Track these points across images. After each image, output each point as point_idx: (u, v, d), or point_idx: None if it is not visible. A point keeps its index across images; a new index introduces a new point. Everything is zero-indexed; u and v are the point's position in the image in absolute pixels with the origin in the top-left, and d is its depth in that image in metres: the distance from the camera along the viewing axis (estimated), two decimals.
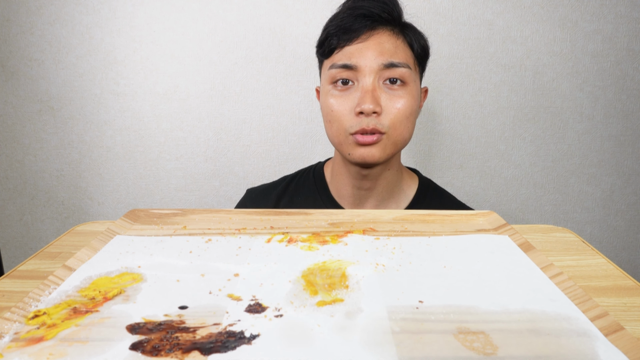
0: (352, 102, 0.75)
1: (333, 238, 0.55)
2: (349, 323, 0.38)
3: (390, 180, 0.84)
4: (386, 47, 0.74)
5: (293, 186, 0.91)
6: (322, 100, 0.80)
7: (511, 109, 1.17)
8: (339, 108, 0.76)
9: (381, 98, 0.74)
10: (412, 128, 0.79)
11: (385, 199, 0.85)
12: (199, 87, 1.16)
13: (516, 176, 1.21)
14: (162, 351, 0.34)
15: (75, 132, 1.18)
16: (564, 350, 0.35)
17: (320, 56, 0.81)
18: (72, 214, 1.23)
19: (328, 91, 0.78)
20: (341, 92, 0.76)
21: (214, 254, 0.51)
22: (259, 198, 0.91)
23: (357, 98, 0.74)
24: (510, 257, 0.50)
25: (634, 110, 1.17)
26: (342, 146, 0.79)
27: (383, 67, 0.74)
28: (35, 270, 0.48)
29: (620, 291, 0.44)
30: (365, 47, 0.74)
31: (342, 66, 0.75)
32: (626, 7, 1.10)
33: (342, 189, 0.86)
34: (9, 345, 0.35)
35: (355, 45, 0.75)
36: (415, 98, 0.77)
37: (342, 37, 0.75)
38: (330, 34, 0.76)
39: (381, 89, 0.75)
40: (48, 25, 1.11)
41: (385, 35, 0.75)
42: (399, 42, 0.76)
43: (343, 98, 0.76)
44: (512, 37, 1.12)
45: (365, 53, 0.74)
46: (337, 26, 0.76)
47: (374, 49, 0.74)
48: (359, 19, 0.75)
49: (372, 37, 0.75)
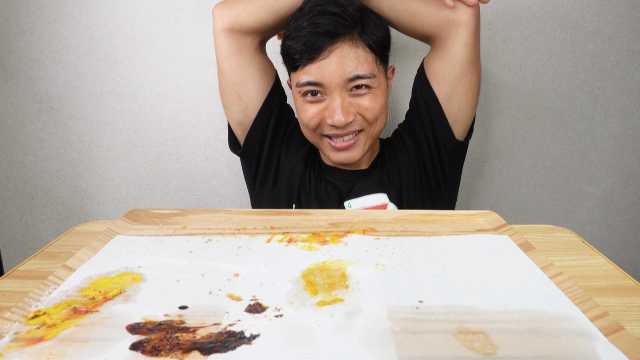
0: (323, 112, 0.80)
1: (333, 238, 0.55)
2: (349, 323, 0.38)
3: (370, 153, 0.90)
4: (347, 62, 0.76)
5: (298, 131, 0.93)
6: (296, 105, 0.85)
7: (511, 109, 1.17)
8: (311, 118, 0.81)
9: (351, 106, 0.79)
10: (386, 117, 0.85)
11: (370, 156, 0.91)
12: (199, 87, 1.16)
13: (516, 176, 1.21)
14: (162, 351, 0.34)
15: (75, 132, 1.18)
16: (564, 350, 0.35)
17: (285, 64, 0.84)
18: (72, 214, 1.23)
19: (299, 99, 0.83)
20: (311, 104, 0.81)
21: (214, 254, 0.51)
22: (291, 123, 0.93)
23: (328, 109, 0.79)
24: (510, 257, 0.50)
25: (634, 110, 1.17)
26: (319, 146, 0.86)
27: (348, 80, 0.77)
28: (35, 270, 0.48)
29: (620, 291, 0.44)
30: (327, 63, 0.76)
31: (309, 83, 0.78)
32: (626, 7, 1.10)
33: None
34: (9, 345, 0.35)
35: (318, 63, 0.77)
36: (384, 92, 0.82)
37: (304, 55, 0.77)
38: (293, 50, 0.78)
39: (350, 96, 0.79)
40: (48, 25, 1.11)
41: (345, 48, 0.76)
42: (359, 51, 0.77)
43: (314, 108, 0.81)
44: (512, 37, 1.12)
45: (329, 69, 0.76)
46: (300, 43, 0.77)
47: (337, 65, 0.76)
48: (320, 37, 0.76)
49: (333, 53, 0.76)
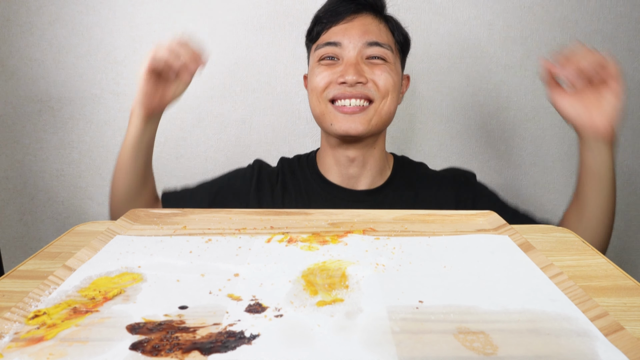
0: (335, 74, 0.80)
1: (333, 238, 0.55)
2: (349, 323, 0.38)
3: (377, 160, 0.86)
4: (370, 28, 0.80)
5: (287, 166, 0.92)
6: (309, 76, 0.85)
7: (511, 109, 1.17)
8: (322, 78, 0.80)
9: (365, 71, 0.79)
10: (396, 103, 0.83)
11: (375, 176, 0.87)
12: (199, 87, 1.16)
13: (516, 176, 1.21)
14: (162, 351, 0.34)
15: (75, 132, 1.18)
16: (564, 350, 0.35)
17: (309, 42, 0.87)
18: (72, 214, 1.23)
19: (314, 67, 0.83)
20: (326, 67, 0.81)
21: (214, 254, 0.51)
22: (262, 169, 0.91)
23: (341, 70, 0.79)
24: (510, 257, 0.50)
25: (634, 110, 1.17)
26: (323, 116, 0.81)
27: (366, 44, 0.79)
28: (35, 270, 0.48)
29: (620, 291, 0.44)
30: (349, 26, 0.80)
31: (328, 44, 0.80)
32: (626, 7, 1.10)
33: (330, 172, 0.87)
34: (9, 345, 0.35)
35: (341, 26, 0.81)
36: (397, 75, 0.82)
37: (329, 19, 0.82)
38: (318, 19, 0.83)
39: (364, 63, 0.80)
40: (48, 25, 1.11)
41: (369, 18, 0.81)
42: (382, 26, 0.82)
43: (327, 71, 0.80)
44: (512, 37, 1.12)
45: (350, 31, 0.80)
46: (325, 11, 0.83)
47: (358, 29, 0.80)
48: (345, 3, 0.81)
49: (356, 19, 0.81)
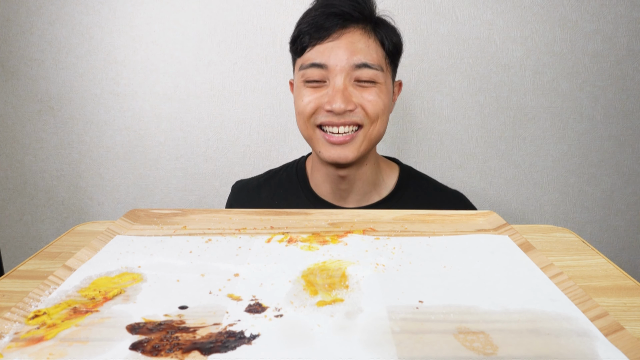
0: (322, 98, 0.75)
1: (333, 238, 0.55)
2: (349, 323, 0.38)
3: (368, 176, 0.84)
4: (358, 46, 0.74)
5: (276, 180, 0.91)
6: (295, 94, 0.81)
7: (511, 109, 1.17)
8: (308, 102, 0.76)
9: (353, 96, 0.74)
10: (386, 123, 0.80)
11: (367, 192, 0.85)
12: (199, 87, 1.16)
13: (516, 176, 1.21)
14: (162, 351, 0.34)
15: (75, 132, 1.18)
16: (564, 350, 0.35)
17: (292, 53, 0.81)
18: (72, 214, 1.23)
19: (300, 87, 0.78)
20: (313, 90, 0.76)
21: (214, 254, 0.51)
22: (243, 190, 0.91)
23: (327, 96, 0.74)
24: (510, 257, 0.50)
25: (634, 110, 1.17)
26: (311, 141, 0.79)
27: (355, 67, 0.74)
28: (35, 270, 0.48)
29: (620, 291, 0.44)
30: (336, 45, 0.74)
31: (313, 65, 0.75)
32: (626, 7, 1.10)
33: (321, 187, 0.86)
34: (9, 345, 0.35)
35: (327, 44, 0.74)
36: (387, 95, 0.78)
37: (313, 35, 0.75)
38: (302, 32, 0.76)
39: (353, 87, 0.75)
40: (48, 25, 1.11)
41: (357, 34, 0.75)
42: (371, 42, 0.75)
43: (314, 95, 0.76)
44: (512, 37, 1.12)
45: (337, 52, 0.74)
46: (309, 24, 0.75)
47: (346, 49, 0.74)
48: (331, 18, 0.74)
49: (343, 36, 0.74)
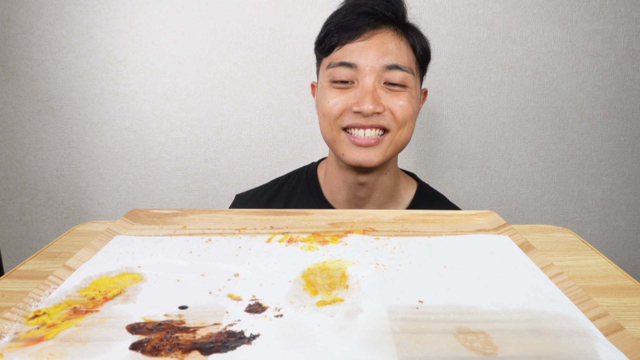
0: (349, 99, 0.72)
1: (333, 238, 0.55)
2: (349, 323, 0.38)
3: (387, 186, 0.80)
4: (389, 47, 0.71)
5: (286, 189, 0.87)
6: (319, 96, 0.77)
7: (511, 109, 1.17)
8: (335, 104, 0.72)
9: (382, 99, 0.71)
10: (412, 130, 0.76)
11: (384, 203, 0.82)
12: (199, 87, 1.16)
13: (516, 176, 1.21)
14: (162, 351, 0.34)
15: (75, 132, 1.18)
16: (564, 350, 0.35)
17: (319, 53, 0.78)
18: (72, 214, 1.23)
19: (325, 87, 0.74)
20: (340, 91, 0.73)
21: (214, 254, 0.51)
22: (250, 204, 0.87)
23: (356, 97, 0.71)
24: (510, 257, 0.50)
25: (634, 110, 1.17)
26: (335, 144, 0.75)
27: (385, 68, 0.70)
28: (35, 270, 0.48)
29: (620, 291, 0.44)
30: (367, 45, 0.70)
31: (342, 64, 0.71)
32: (626, 7, 1.10)
33: (336, 194, 0.82)
34: (9, 345, 0.35)
35: (357, 44, 0.71)
36: (416, 100, 0.75)
37: (343, 34, 0.72)
38: (330, 31, 0.73)
39: (382, 89, 0.72)
40: (48, 25, 1.11)
41: (388, 35, 0.72)
42: (402, 44, 0.72)
43: (341, 96, 0.72)
44: (512, 37, 1.12)
45: (367, 52, 0.70)
46: (338, 23, 0.72)
47: (377, 49, 0.70)
48: (362, 17, 0.71)
49: (374, 36, 0.71)
